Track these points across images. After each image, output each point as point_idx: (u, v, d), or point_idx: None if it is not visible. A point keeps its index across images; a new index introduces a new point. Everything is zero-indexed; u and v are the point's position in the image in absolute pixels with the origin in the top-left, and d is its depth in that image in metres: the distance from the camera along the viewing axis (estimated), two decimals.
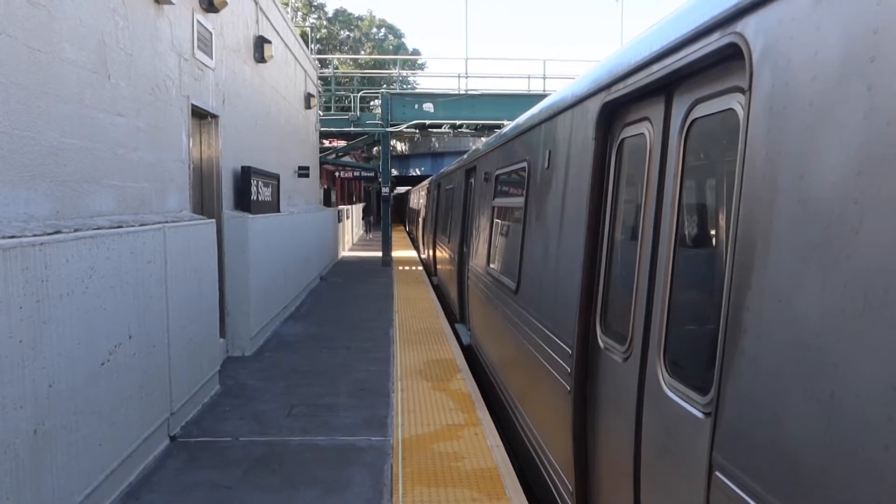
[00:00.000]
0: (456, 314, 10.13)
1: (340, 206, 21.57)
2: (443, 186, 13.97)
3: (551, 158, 4.32)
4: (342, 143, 20.57)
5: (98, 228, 3.86)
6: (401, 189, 47.81)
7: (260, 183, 8.48)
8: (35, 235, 3.18)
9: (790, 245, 1.70)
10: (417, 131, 19.56)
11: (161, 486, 4.21)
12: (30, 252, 3.07)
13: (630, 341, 2.84)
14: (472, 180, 9.03)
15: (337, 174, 26.34)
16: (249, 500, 4.03)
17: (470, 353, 7.83)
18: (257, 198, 8.31)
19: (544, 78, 19.20)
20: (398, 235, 30.96)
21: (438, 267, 13.93)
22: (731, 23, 2.04)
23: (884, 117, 1.43)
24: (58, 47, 3.79)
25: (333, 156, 20.11)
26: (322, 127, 17.18)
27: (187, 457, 4.67)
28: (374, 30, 46.67)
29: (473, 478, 4.30)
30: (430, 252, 16.00)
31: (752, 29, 1.93)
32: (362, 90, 20.92)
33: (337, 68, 29.89)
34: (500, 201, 6.53)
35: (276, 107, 10.55)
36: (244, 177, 7.94)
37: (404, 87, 32.71)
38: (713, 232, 2.56)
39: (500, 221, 6.55)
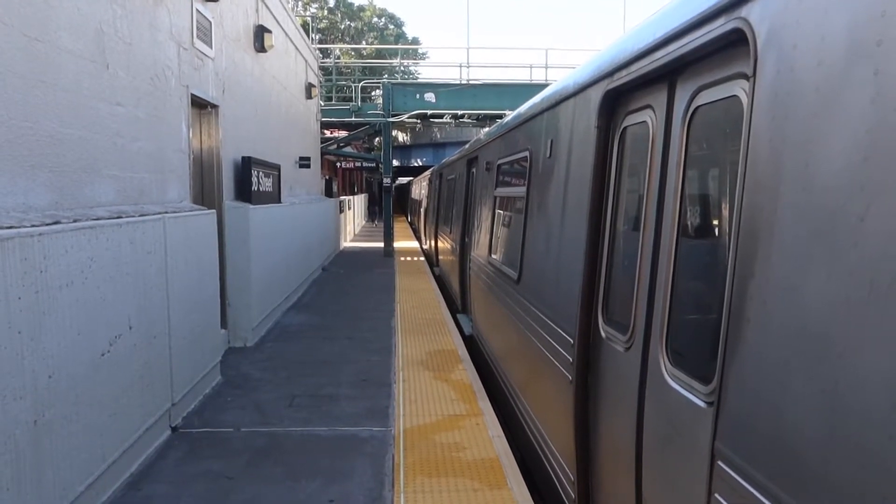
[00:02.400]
0: (458, 304, 10.12)
1: (342, 197, 21.53)
2: (444, 177, 13.90)
3: (553, 147, 4.29)
4: (344, 134, 20.51)
5: (97, 219, 3.85)
6: (403, 180, 47.74)
7: (261, 173, 8.45)
8: (34, 226, 3.16)
9: (795, 233, 1.67)
10: (419, 121, 19.46)
11: (162, 476, 4.21)
12: (28, 242, 3.05)
13: (632, 331, 2.81)
14: (474, 170, 8.99)
15: (338, 164, 26.31)
16: (251, 490, 4.03)
17: (472, 343, 7.82)
18: (258, 188, 8.28)
19: (546, 67, 19.11)
20: (400, 226, 30.93)
21: (440, 257, 13.90)
22: (735, 8, 2.01)
23: (891, 102, 1.40)
24: (55, 36, 3.76)
25: (335, 146, 20.04)
26: (323, 117, 17.11)
27: (189, 447, 4.68)
28: (375, 19, 46.44)
29: (475, 468, 4.30)
30: (432, 242, 15.94)
31: (756, 14, 1.90)
32: (363, 80, 20.83)
33: (339, 58, 29.75)
34: (502, 191, 6.49)
35: (276, 97, 10.50)
36: (245, 167, 7.91)
37: (406, 77, 32.58)
38: (716, 221, 2.54)
39: (501, 211, 6.52)
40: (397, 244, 19.67)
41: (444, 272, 12.95)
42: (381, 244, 18.15)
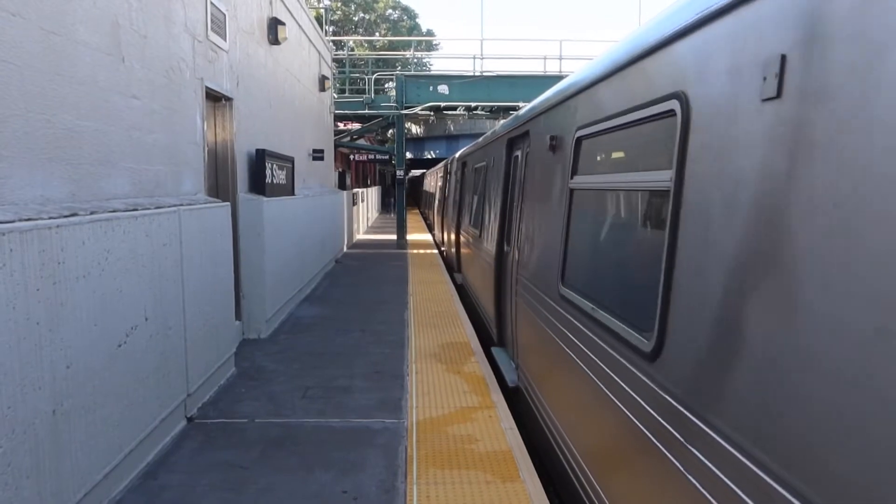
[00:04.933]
0: (492, 332, 7.49)
1: (355, 189, 21.56)
2: (469, 165, 11.44)
3: (783, 82, 1.91)
4: (357, 126, 20.52)
5: (114, 211, 3.88)
6: (416, 172, 47.73)
7: (275, 166, 8.48)
8: (51, 218, 3.19)
9: None
10: (432, 114, 19.43)
11: (178, 466, 4.26)
12: (46, 234, 3.08)
13: None
14: (519, 153, 6.64)
15: (352, 157, 26.35)
16: (265, 480, 4.07)
17: (516, 401, 5.73)
18: (272, 181, 8.31)
19: (560, 59, 18.98)
20: (413, 218, 30.99)
21: (463, 262, 11.41)
22: None
23: None
24: (72, 29, 3.78)
25: (348, 138, 20.07)
26: (336, 109, 17.14)
27: (204, 437, 4.72)
28: (389, 11, 46.37)
29: (487, 460, 4.31)
30: (451, 238, 14.03)
31: None
32: (377, 72, 20.81)
33: (353, 50, 29.74)
34: (594, 180, 3.92)
35: (290, 89, 10.52)
36: (259, 159, 7.94)
37: (419, 69, 32.52)
38: None
39: (592, 213, 4.00)
40: (410, 236, 19.70)
41: (468, 283, 10.36)
42: (395, 236, 18.19)
